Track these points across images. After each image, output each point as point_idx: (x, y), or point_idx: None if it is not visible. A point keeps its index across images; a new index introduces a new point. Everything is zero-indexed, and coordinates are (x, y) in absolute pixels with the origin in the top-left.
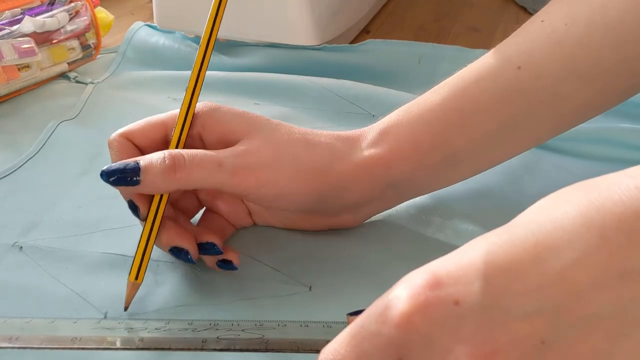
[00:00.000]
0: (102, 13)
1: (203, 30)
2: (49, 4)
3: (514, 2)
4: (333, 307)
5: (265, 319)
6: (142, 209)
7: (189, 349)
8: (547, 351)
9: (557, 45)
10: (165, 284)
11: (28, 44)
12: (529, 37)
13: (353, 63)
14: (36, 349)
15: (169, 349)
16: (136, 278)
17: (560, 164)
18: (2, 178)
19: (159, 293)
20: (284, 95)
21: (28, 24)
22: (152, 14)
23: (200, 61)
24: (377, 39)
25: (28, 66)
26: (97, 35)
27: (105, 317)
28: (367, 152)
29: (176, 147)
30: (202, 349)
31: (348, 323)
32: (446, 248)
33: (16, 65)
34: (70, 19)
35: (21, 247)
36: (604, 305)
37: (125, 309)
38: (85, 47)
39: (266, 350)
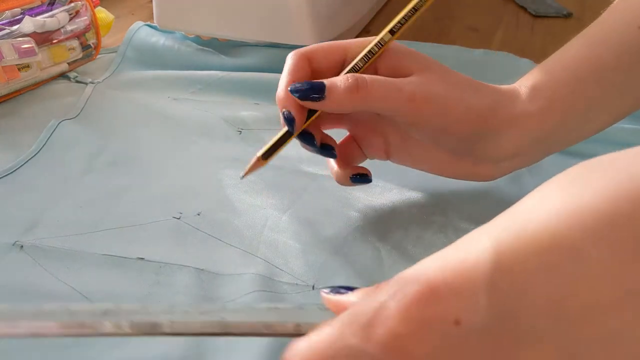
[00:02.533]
0: (102, 13)
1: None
2: (49, 4)
3: (514, 2)
4: None
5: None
6: (299, 122)
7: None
8: None
9: None
10: (166, 285)
11: (28, 44)
12: None
13: None
14: None
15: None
16: (264, 158)
17: (562, 163)
18: (3, 177)
19: (160, 294)
20: None
21: (28, 24)
22: (152, 14)
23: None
24: None
25: (28, 66)
26: (97, 35)
27: None
28: (523, 106)
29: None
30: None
31: (325, 301)
32: None
33: (16, 65)
34: (70, 19)
35: (22, 246)
36: (618, 325)
37: (242, 177)
38: (85, 47)
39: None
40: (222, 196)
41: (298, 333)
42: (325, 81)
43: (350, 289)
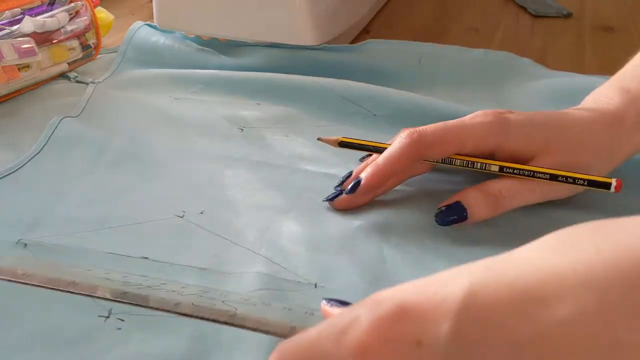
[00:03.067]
0: (102, 13)
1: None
2: (49, 4)
3: (514, 2)
4: None
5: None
6: (363, 190)
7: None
8: None
9: None
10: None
11: (28, 44)
12: None
13: (353, 63)
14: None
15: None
16: (341, 146)
17: None
18: (5, 176)
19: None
20: (285, 95)
21: (28, 24)
22: (152, 13)
23: None
24: (377, 39)
25: (28, 66)
26: (97, 35)
27: (110, 313)
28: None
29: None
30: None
31: (322, 311)
32: (454, 252)
33: (16, 65)
34: (70, 19)
35: (25, 244)
36: None
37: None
38: (85, 47)
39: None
40: (224, 195)
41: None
42: (464, 203)
43: (346, 304)
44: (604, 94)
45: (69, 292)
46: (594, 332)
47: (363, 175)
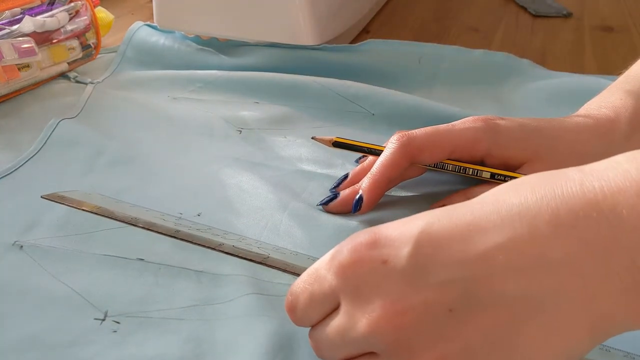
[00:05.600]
0: (102, 13)
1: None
2: (49, 3)
3: (514, 2)
4: None
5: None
6: (366, 205)
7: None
8: (453, 318)
9: None
10: (166, 286)
11: (28, 43)
12: None
13: (353, 63)
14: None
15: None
16: (335, 145)
17: None
18: (3, 177)
19: (160, 294)
20: (284, 94)
21: (28, 24)
22: (152, 13)
23: None
24: (377, 39)
25: (28, 66)
26: (97, 35)
27: (105, 316)
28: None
29: None
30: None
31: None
32: None
33: (16, 65)
34: (70, 19)
35: (21, 246)
36: (514, 288)
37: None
38: (85, 46)
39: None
40: (222, 196)
41: None
42: None
43: None
44: (605, 100)
45: (132, 225)
46: (524, 251)
47: (363, 191)
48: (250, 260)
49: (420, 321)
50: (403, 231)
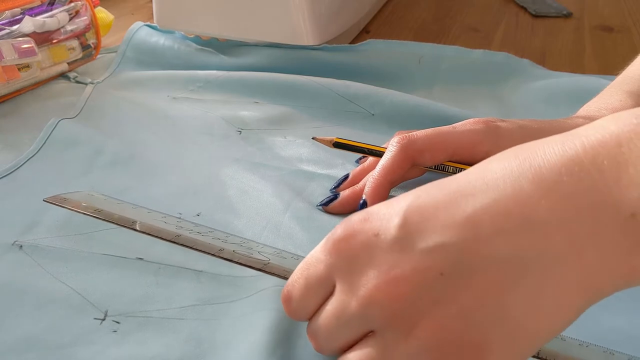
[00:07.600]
0: (102, 13)
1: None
2: (49, 4)
3: (514, 2)
4: None
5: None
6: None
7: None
8: (445, 282)
9: None
10: (166, 286)
11: (28, 44)
12: None
13: (353, 63)
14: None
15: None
16: (335, 146)
17: None
18: (2, 177)
19: (160, 293)
20: (284, 94)
21: (28, 24)
22: (152, 14)
23: None
24: (377, 39)
25: (28, 66)
26: (97, 35)
27: (105, 316)
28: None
29: None
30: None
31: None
32: None
33: (16, 65)
34: (70, 19)
35: (21, 246)
36: (501, 249)
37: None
38: (85, 47)
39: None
40: (221, 196)
41: None
42: None
43: None
44: (605, 102)
45: (132, 229)
46: (509, 211)
47: (366, 196)
48: (250, 267)
49: (414, 289)
50: (393, 205)
